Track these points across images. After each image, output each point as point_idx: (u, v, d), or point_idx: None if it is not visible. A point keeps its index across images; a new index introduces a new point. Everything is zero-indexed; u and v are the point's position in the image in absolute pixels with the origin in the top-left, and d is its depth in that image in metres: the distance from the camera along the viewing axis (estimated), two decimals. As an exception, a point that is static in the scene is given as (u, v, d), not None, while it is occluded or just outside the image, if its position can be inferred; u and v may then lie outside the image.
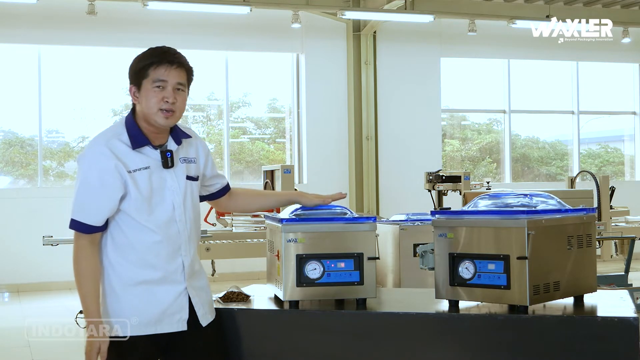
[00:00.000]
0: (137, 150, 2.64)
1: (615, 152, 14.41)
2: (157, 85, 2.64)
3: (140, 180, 2.62)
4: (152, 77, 2.64)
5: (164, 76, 2.65)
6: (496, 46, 12.56)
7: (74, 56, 10.89)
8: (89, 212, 2.59)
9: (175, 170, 2.70)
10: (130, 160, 2.62)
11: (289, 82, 11.86)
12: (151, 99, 2.64)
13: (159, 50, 2.71)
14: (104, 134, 2.68)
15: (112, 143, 2.61)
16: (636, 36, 12.72)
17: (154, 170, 2.65)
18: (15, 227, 10.13)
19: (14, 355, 6.32)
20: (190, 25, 10.89)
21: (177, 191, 2.69)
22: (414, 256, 4.35)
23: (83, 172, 2.62)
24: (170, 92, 2.65)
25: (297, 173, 11.55)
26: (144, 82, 2.65)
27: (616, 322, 2.57)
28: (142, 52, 2.72)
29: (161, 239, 2.65)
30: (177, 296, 2.68)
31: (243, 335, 2.88)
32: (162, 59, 2.66)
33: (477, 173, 12.89)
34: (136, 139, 2.64)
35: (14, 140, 11.04)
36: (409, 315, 2.79)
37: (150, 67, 2.65)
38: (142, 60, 2.67)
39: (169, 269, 2.67)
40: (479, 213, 2.81)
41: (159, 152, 2.67)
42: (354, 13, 11.18)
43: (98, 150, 2.61)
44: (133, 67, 2.69)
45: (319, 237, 2.88)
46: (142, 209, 2.62)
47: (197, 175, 2.80)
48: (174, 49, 2.74)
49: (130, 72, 2.70)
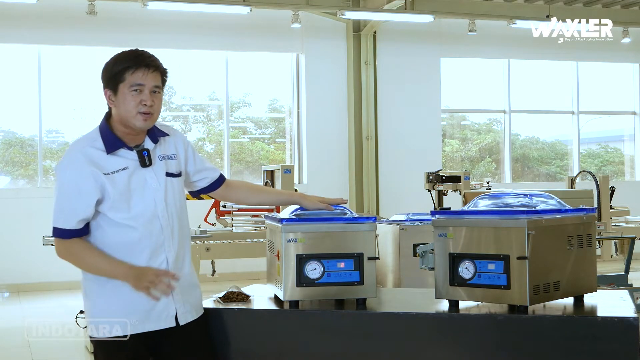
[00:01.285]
0: (113, 154, 2.67)
1: (615, 152, 14.41)
2: (135, 89, 2.66)
3: (119, 181, 2.65)
4: (130, 82, 2.66)
5: (141, 80, 2.67)
6: (496, 46, 12.56)
7: (74, 56, 10.88)
8: (66, 217, 2.65)
9: (155, 169, 2.73)
10: (106, 163, 2.66)
11: (289, 82, 11.86)
12: (129, 102, 2.66)
13: (134, 54, 2.72)
14: (78, 141, 2.73)
15: (86, 150, 2.66)
16: (636, 36, 12.72)
17: (134, 171, 2.69)
18: (15, 227, 10.13)
19: (14, 355, 6.32)
20: (190, 25, 10.89)
21: (157, 188, 2.72)
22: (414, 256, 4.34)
23: (59, 180, 2.68)
24: (147, 96, 2.68)
25: (297, 173, 11.55)
26: (120, 86, 2.67)
27: (616, 322, 2.57)
28: (115, 55, 2.72)
29: (141, 235, 2.67)
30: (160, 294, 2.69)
31: (243, 335, 2.88)
32: (139, 64, 2.68)
33: (476, 173, 12.89)
34: (110, 143, 2.68)
35: (14, 140, 11.04)
36: (409, 315, 2.79)
37: (127, 71, 2.66)
38: (117, 64, 2.68)
39: (153, 265, 2.69)
40: (479, 213, 2.81)
41: (136, 152, 2.71)
42: (354, 13, 11.19)
43: (73, 157, 2.66)
44: (108, 70, 2.69)
45: (319, 237, 2.88)
46: (121, 208, 2.65)
47: (178, 171, 2.82)
48: (147, 52, 2.75)
49: (104, 76, 2.71)
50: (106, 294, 2.67)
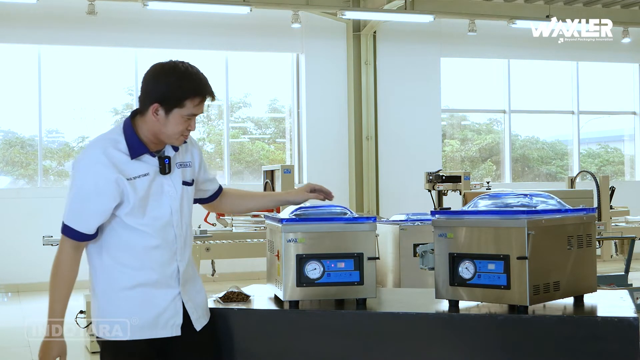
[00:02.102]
0: (136, 159, 2.62)
1: (615, 152, 14.42)
2: (189, 117, 2.61)
3: (139, 186, 2.61)
4: (188, 111, 2.58)
5: (199, 110, 2.61)
6: (496, 46, 12.56)
7: (74, 56, 10.89)
8: (82, 219, 2.58)
9: (172, 176, 2.70)
10: (129, 168, 2.60)
11: (289, 82, 11.86)
12: (177, 127, 2.60)
13: (201, 82, 2.60)
14: (100, 140, 2.64)
15: (109, 152, 2.57)
16: (636, 36, 12.72)
17: (154, 177, 2.65)
18: (15, 227, 10.13)
19: (14, 355, 6.32)
20: (190, 25, 10.89)
21: (174, 196, 2.69)
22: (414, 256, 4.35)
23: (79, 179, 2.59)
24: (194, 122, 2.65)
25: (297, 173, 11.55)
26: (175, 110, 2.57)
27: (616, 322, 2.57)
28: (178, 73, 2.58)
29: (158, 243, 2.65)
30: (171, 300, 2.68)
31: (243, 335, 2.88)
32: (204, 95, 2.60)
33: (476, 175, 12.88)
34: (135, 149, 2.61)
35: (14, 140, 11.04)
36: (409, 315, 2.79)
37: (191, 100, 2.57)
38: (182, 89, 2.56)
39: (165, 273, 2.67)
40: (479, 213, 2.81)
41: (157, 159, 2.66)
42: (354, 13, 11.19)
43: (95, 158, 2.57)
44: (168, 90, 2.56)
45: (319, 237, 2.88)
46: (138, 214, 2.61)
47: (192, 179, 2.80)
48: (206, 78, 2.63)
49: (160, 90, 2.57)
50: (113, 296, 2.64)
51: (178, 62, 2.62)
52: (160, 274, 2.66)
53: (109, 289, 2.65)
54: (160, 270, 2.66)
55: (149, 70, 2.64)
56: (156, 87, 2.59)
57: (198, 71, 2.62)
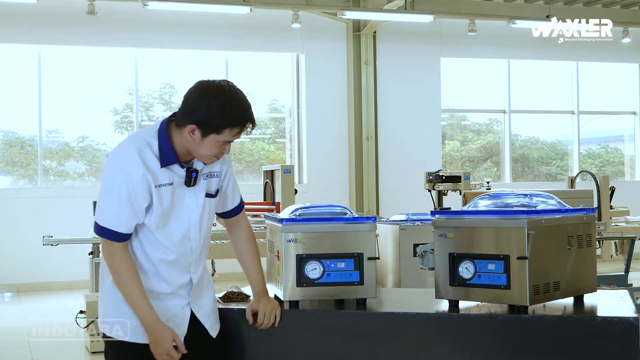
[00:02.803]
0: (165, 167, 2.58)
1: (615, 152, 14.41)
2: (225, 143, 2.56)
3: (164, 195, 2.58)
4: (225, 138, 2.53)
5: (235, 138, 2.56)
6: (496, 46, 12.56)
7: (74, 56, 10.89)
8: (120, 220, 2.54)
9: (195, 188, 2.65)
10: (159, 174, 2.56)
11: (289, 82, 11.86)
12: (211, 150, 2.56)
13: (244, 113, 2.54)
14: (135, 139, 2.58)
15: (144, 153, 2.53)
16: (636, 36, 12.72)
17: (176, 187, 2.61)
18: (15, 227, 10.13)
19: (14, 355, 6.32)
20: (190, 25, 10.89)
21: (194, 209, 2.65)
22: (414, 256, 4.35)
23: (112, 178, 2.54)
24: (229, 147, 2.60)
25: (297, 173, 11.55)
26: (212, 136, 2.52)
27: (616, 322, 2.57)
28: (218, 97, 2.49)
29: (175, 257, 2.64)
30: (178, 310, 2.68)
31: (243, 335, 2.88)
32: (243, 127, 2.54)
33: (476, 175, 12.88)
34: (166, 157, 2.56)
35: (14, 140, 11.04)
36: (409, 315, 2.79)
37: (230, 129, 2.52)
38: (223, 117, 2.49)
39: (177, 284, 2.67)
40: (479, 213, 2.81)
41: (186, 170, 2.61)
42: (354, 13, 11.18)
43: (129, 158, 2.52)
44: (209, 117, 2.49)
45: (319, 237, 2.88)
46: (160, 225, 2.59)
47: (216, 190, 2.74)
48: (249, 104, 2.57)
49: (199, 114, 2.50)
50: (119, 297, 2.62)
51: (224, 85, 2.53)
52: (171, 285, 2.66)
53: (116, 290, 2.63)
54: (172, 281, 2.66)
55: (195, 88, 2.55)
56: (198, 108, 2.51)
57: (243, 98, 2.55)
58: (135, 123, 10.98)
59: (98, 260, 7.46)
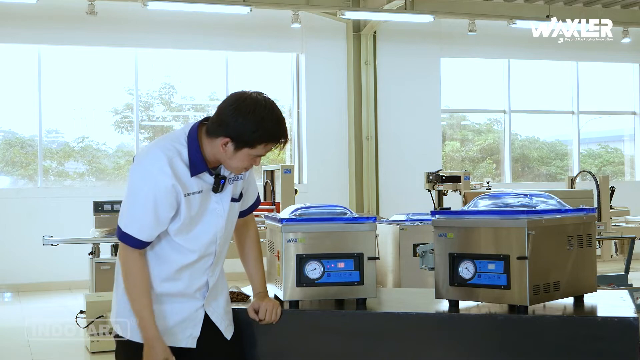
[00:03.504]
0: (195, 176, 2.57)
1: (615, 152, 14.41)
2: (257, 156, 2.56)
3: (193, 203, 2.57)
4: (258, 152, 2.53)
5: (268, 152, 2.56)
6: (496, 46, 12.56)
7: (74, 56, 10.89)
8: (144, 228, 2.52)
9: (222, 194, 2.65)
10: (188, 182, 2.54)
11: (289, 82, 11.86)
12: (242, 162, 2.56)
13: (278, 129, 2.53)
14: (165, 146, 2.53)
15: (174, 162, 2.50)
16: (636, 36, 12.72)
17: (205, 194, 2.61)
18: (15, 227, 10.13)
19: (14, 355, 6.32)
20: (190, 25, 10.89)
21: (221, 214, 2.65)
22: (414, 256, 4.35)
23: (139, 185, 2.51)
24: (259, 160, 2.60)
25: (297, 173, 11.55)
26: (245, 149, 2.51)
27: (616, 322, 2.57)
28: (256, 114, 2.47)
29: (197, 259, 2.64)
30: (192, 312, 2.67)
31: (243, 335, 2.88)
32: (277, 142, 2.54)
33: (477, 174, 12.89)
34: (196, 166, 2.54)
35: (14, 140, 11.04)
36: (409, 315, 2.79)
37: (264, 144, 2.52)
38: (259, 133, 2.48)
39: (193, 286, 2.67)
40: (479, 213, 2.81)
41: (214, 177, 2.61)
42: (354, 13, 11.18)
43: (159, 166, 2.48)
44: (244, 132, 2.47)
45: (319, 237, 2.88)
46: (185, 231, 2.58)
47: (240, 193, 2.75)
48: (283, 120, 2.56)
49: (234, 128, 2.47)
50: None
51: (260, 99, 2.50)
52: (188, 287, 2.66)
53: None
54: (189, 283, 2.65)
55: (230, 99, 2.53)
56: (233, 122, 2.48)
57: (278, 114, 2.53)
58: (135, 123, 10.99)
59: (98, 260, 7.47)
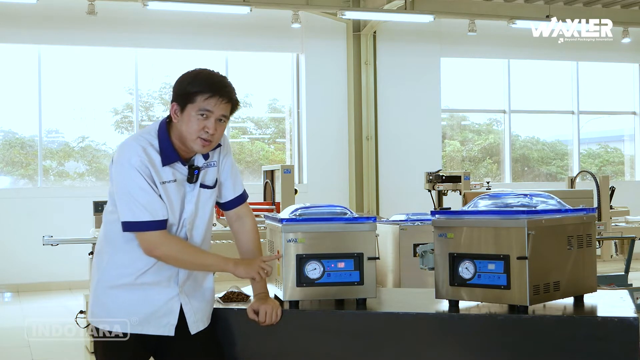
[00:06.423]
0: (168, 165, 2.64)
1: (615, 152, 14.41)
2: (202, 114, 2.60)
3: (170, 191, 2.63)
4: (199, 106, 2.59)
5: (210, 107, 2.60)
6: (496, 46, 12.56)
7: (74, 56, 10.89)
8: (150, 208, 2.57)
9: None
10: (162, 171, 2.62)
11: (289, 82, 11.86)
12: (192, 125, 2.60)
13: (213, 79, 2.63)
14: (136, 137, 2.64)
15: (147, 150, 2.59)
16: (636, 36, 12.72)
17: (179, 183, 2.66)
18: (15, 227, 10.13)
19: (14, 355, 6.32)
20: (190, 25, 10.89)
21: (190, 200, 2.69)
22: (414, 256, 4.35)
23: (126, 176, 2.57)
24: (212, 123, 2.61)
25: (297, 173, 11.55)
26: (188, 106, 2.59)
27: (616, 322, 2.57)
28: (194, 72, 2.64)
29: None
30: (167, 300, 2.69)
31: (243, 335, 2.88)
32: (214, 92, 2.60)
33: (477, 174, 12.89)
34: (167, 155, 2.62)
35: (14, 140, 11.04)
36: (409, 315, 2.79)
37: (201, 95, 2.58)
38: (193, 84, 2.60)
39: (165, 274, 2.68)
40: (479, 213, 2.81)
41: (188, 168, 2.67)
42: (354, 13, 11.18)
43: (135, 154, 2.57)
44: (182, 87, 2.61)
45: (319, 237, 2.88)
46: None
47: (214, 181, 2.77)
48: (226, 80, 2.67)
49: (176, 90, 2.63)
50: (109, 296, 2.66)
51: (204, 68, 2.66)
52: (159, 275, 2.67)
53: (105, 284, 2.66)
54: (160, 270, 2.66)
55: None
56: (175, 87, 2.64)
57: (217, 74, 2.65)
58: (135, 123, 10.99)
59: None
